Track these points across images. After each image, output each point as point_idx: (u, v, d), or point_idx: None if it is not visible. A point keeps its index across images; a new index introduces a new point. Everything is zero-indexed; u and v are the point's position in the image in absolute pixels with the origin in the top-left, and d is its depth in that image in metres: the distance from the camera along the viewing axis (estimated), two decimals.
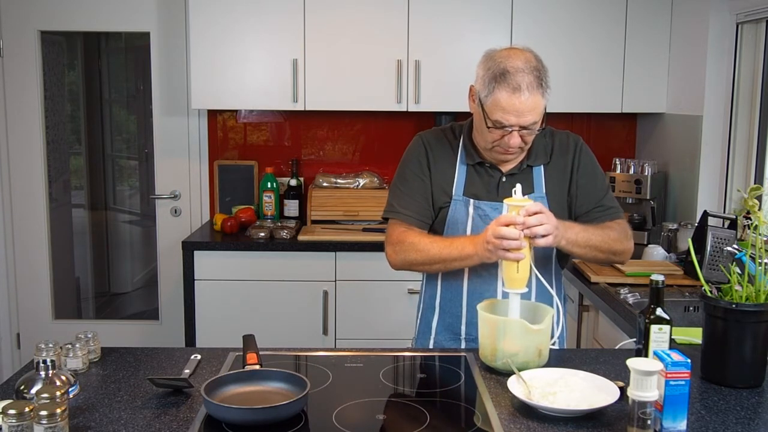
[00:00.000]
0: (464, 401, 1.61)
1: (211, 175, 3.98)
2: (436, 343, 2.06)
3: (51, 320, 4.02)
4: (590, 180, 1.99)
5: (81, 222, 4.62)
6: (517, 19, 3.50)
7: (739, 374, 1.66)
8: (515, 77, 1.77)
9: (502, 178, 1.96)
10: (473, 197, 1.96)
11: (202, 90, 3.52)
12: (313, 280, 3.42)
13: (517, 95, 1.77)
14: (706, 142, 3.25)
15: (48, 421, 1.30)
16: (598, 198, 1.98)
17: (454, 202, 1.96)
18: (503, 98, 1.78)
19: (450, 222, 1.97)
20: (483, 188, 1.96)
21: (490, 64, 1.83)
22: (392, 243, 1.96)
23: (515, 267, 1.73)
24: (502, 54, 1.84)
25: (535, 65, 1.81)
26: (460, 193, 1.97)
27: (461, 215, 1.96)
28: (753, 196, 1.66)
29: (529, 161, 1.96)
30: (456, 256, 1.85)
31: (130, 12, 3.83)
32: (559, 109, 3.59)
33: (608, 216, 1.97)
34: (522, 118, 1.80)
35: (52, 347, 1.61)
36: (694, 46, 3.32)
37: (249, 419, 1.44)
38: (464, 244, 1.84)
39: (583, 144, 2.02)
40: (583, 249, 1.86)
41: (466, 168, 1.98)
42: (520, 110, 1.78)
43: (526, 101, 1.78)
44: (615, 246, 1.91)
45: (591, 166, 2.01)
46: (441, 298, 2.04)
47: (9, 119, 3.89)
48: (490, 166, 1.97)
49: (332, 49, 3.51)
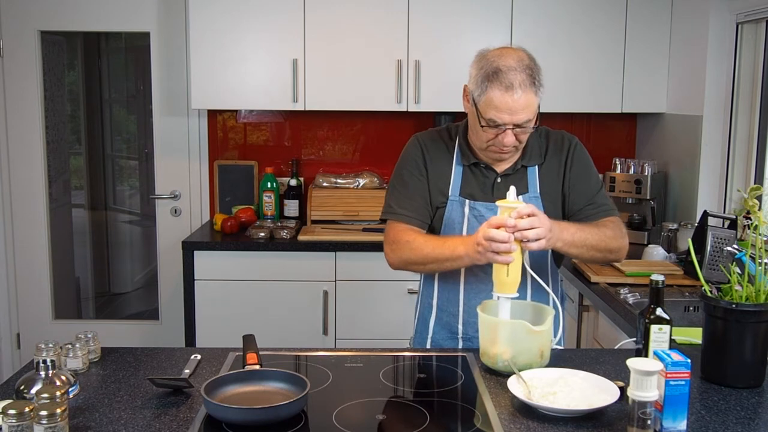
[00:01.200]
0: (464, 401, 1.61)
1: (211, 175, 3.98)
2: (433, 342, 2.06)
3: (51, 320, 4.02)
4: (583, 178, 1.99)
5: (81, 222, 4.62)
6: (517, 19, 3.50)
7: (739, 374, 1.66)
8: (508, 75, 1.78)
9: (497, 178, 1.96)
10: (469, 197, 1.96)
11: (202, 90, 3.52)
12: (313, 280, 3.42)
13: (510, 93, 1.77)
14: (706, 142, 3.25)
15: (48, 421, 1.30)
16: (591, 195, 1.98)
17: (451, 203, 1.97)
18: (496, 97, 1.79)
19: (446, 222, 1.97)
20: (478, 189, 1.96)
21: (482, 63, 1.84)
22: (389, 242, 1.97)
23: (505, 270, 1.72)
24: (494, 53, 1.84)
25: (528, 64, 1.81)
26: (456, 193, 1.97)
27: (457, 215, 1.96)
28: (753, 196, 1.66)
29: (523, 161, 1.96)
30: (448, 256, 1.84)
31: (130, 12, 3.83)
32: (559, 109, 3.59)
33: (602, 213, 1.97)
34: (515, 116, 1.80)
35: (52, 347, 1.61)
36: (694, 46, 3.32)
37: (249, 419, 1.44)
38: (456, 245, 1.83)
39: (578, 143, 2.02)
40: (579, 249, 1.85)
41: (462, 168, 1.98)
42: (513, 108, 1.78)
43: (519, 99, 1.78)
44: (611, 244, 1.90)
45: (584, 164, 2.00)
46: (438, 298, 2.04)
47: (9, 119, 3.89)
48: (485, 166, 1.97)
49: (332, 49, 3.51)
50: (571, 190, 1.98)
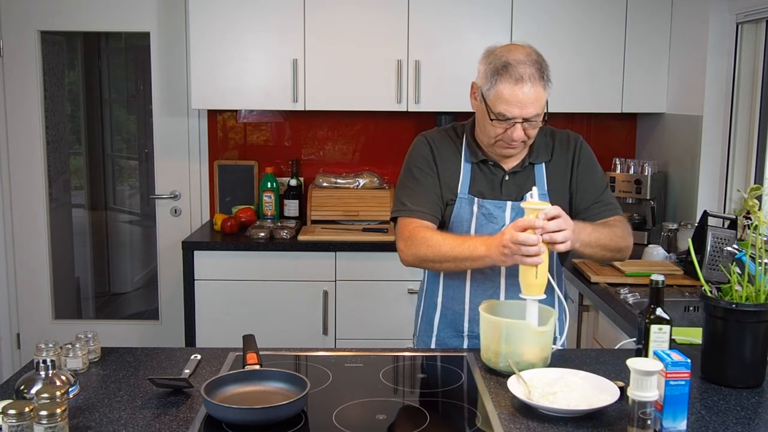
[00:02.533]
0: (464, 401, 1.61)
1: (211, 175, 3.98)
2: (438, 341, 2.06)
3: (51, 320, 4.02)
4: (590, 176, 2.00)
5: (81, 222, 4.61)
6: (517, 19, 3.50)
7: (739, 374, 1.66)
8: (517, 69, 1.79)
9: (505, 176, 1.97)
10: (478, 195, 1.96)
11: (202, 90, 3.52)
12: (313, 280, 3.42)
13: (520, 86, 1.79)
14: (706, 142, 3.25)
15: (48, 421, 1.30)
16: (598, 194, 1.99)
17: (460, 200, 1.97)
18: (506, 90, 1.80)
19: (455, 219, 1.97)
20: (487, 186, 1.97)
21: (491, 58, 1.85)
22: (404, 238, 1.93)
23: (534, 272, 1.70)
24: (502, 49, 1.86)
25: (536, 58, 1.83)
26: (465, 191, 1.97)
27: (466, 213, 1.96)
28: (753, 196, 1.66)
29: (531, 159, 1.97)
30: (467, 256, 1.82)
31: (130, 12, 3.83)
32: (559, 109, 3.58)
33: (608, 212, 1.98)
34: (525, 110, 1.81)
35: (52, 347, 1.61)
36: (694, 46, 3.31)
37: (249, 419, 1.44)
38: (476, 245, 1.81)
39: (583, 142, 2.04)
40: (593, 249, 1.86)
41: (471, 166, 1.98)
42: (523, 101, 1.80)
43: (529, 92, 1.79)
44: (620, 243, 1.93)
45: (590, 162, 2.02)
46: (443, 296, 2.04)
47: (9, 119, 3.89)
48: (493, 164, 1.97)
49: (332, 49, 3.51)
50: (579, 188, 1.99)
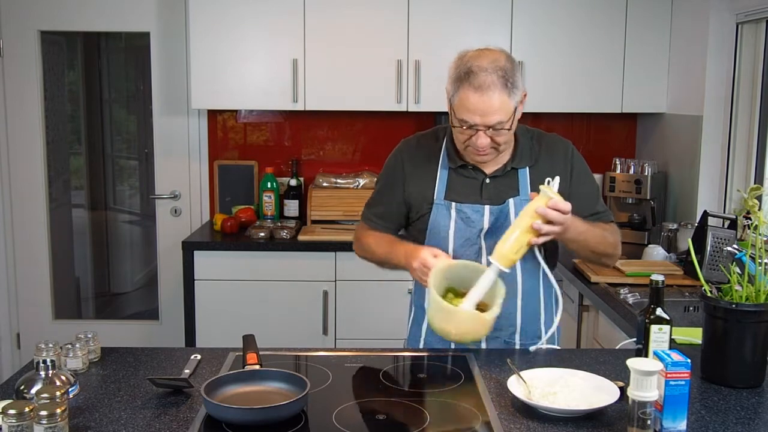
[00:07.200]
0: (464, 401, 1.61)
1: (211, 175, 3.98)
2: (426, 344, 2.06)
3: (51, 320, 4.02)
4: (585, 187, 2.01)
5: (81, 222, 4.61)
6: (517, 19, 3.49)
7: (739, 374, 1.66)
8: (479, 76, 1.78)
9: (485, 180, 1.96)
10: (455, 200, 1.95)
11: (202, 90, 3.52)
12: (313, 280, 3.42)
13: (480, 94, 1.77)
14: (706, 142, 3.25)
15: (48, 421, 1.30)
16: (593, 204, 2.00)
17: (436, 206, 1.96)
18: (467, 98, 1.79)
19: (432, 226, 1.97)
20: (466, 190, 1.96)
21: (458, 63, 1.85)
22: (354, 239, 2.13)
23: (513, 247, 1.74)
24: (471, 54, 1.85)
25: (502, 65, 1.80)
26: (441, 197, 1.96)
27: (444, 219, 1.95)
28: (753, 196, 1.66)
29: (513, 164, 1.95)
30: (395, 263, 1.97)
31: (130, 12, 3.83)
32: (559, 109, 3.60)
33: (601, 220, 2.00)
34: (486, 118, 1.79)
35: (52, 347, 1.61)
36: (694, 46, 3.31)
37: (249, 419, 1.44)
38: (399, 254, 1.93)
39: (575, 149, 2.03)
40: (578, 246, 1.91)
41: (448, 172, 1.97)
42: (484, 110, 1.78)
43: (489, 101, 1.77)
44: (608, 250, 1.98)
45: (584, 172, 2.02)
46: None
47: (9, 119, 3.89)
48: (473, 168, 1.96)
49: (332, 49, 3.51)
50: (573, 200, 1.98)
